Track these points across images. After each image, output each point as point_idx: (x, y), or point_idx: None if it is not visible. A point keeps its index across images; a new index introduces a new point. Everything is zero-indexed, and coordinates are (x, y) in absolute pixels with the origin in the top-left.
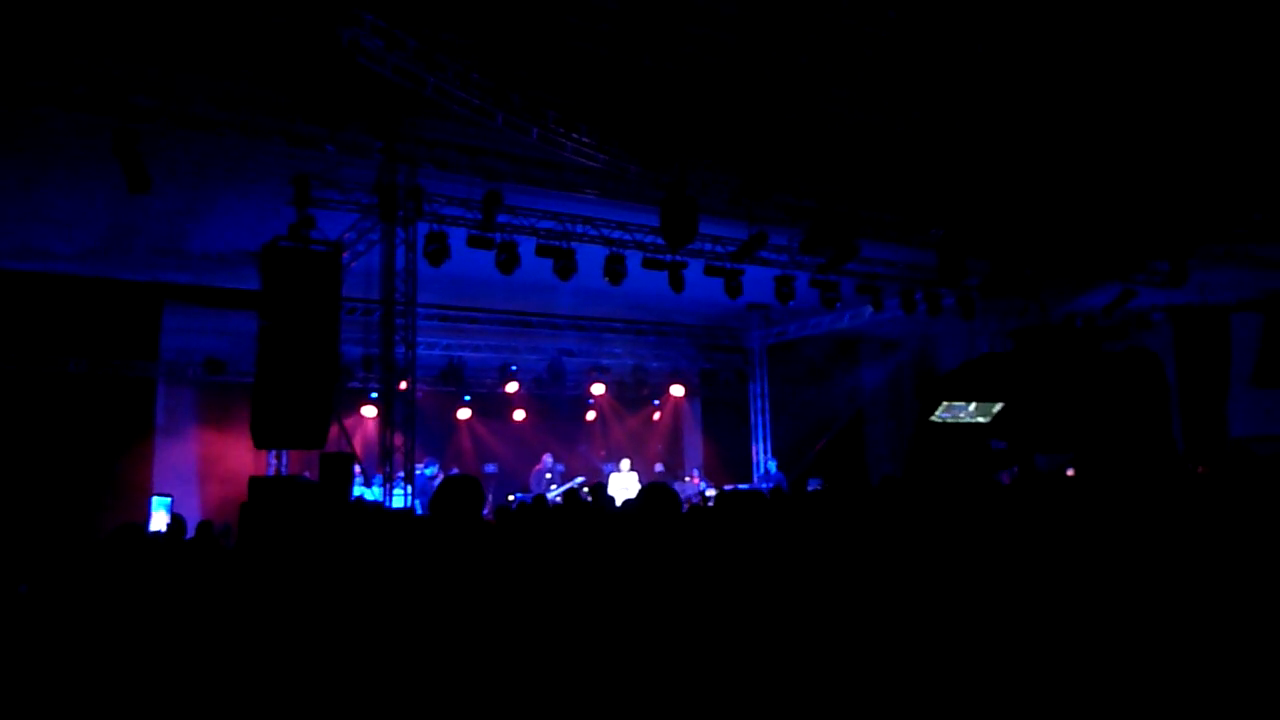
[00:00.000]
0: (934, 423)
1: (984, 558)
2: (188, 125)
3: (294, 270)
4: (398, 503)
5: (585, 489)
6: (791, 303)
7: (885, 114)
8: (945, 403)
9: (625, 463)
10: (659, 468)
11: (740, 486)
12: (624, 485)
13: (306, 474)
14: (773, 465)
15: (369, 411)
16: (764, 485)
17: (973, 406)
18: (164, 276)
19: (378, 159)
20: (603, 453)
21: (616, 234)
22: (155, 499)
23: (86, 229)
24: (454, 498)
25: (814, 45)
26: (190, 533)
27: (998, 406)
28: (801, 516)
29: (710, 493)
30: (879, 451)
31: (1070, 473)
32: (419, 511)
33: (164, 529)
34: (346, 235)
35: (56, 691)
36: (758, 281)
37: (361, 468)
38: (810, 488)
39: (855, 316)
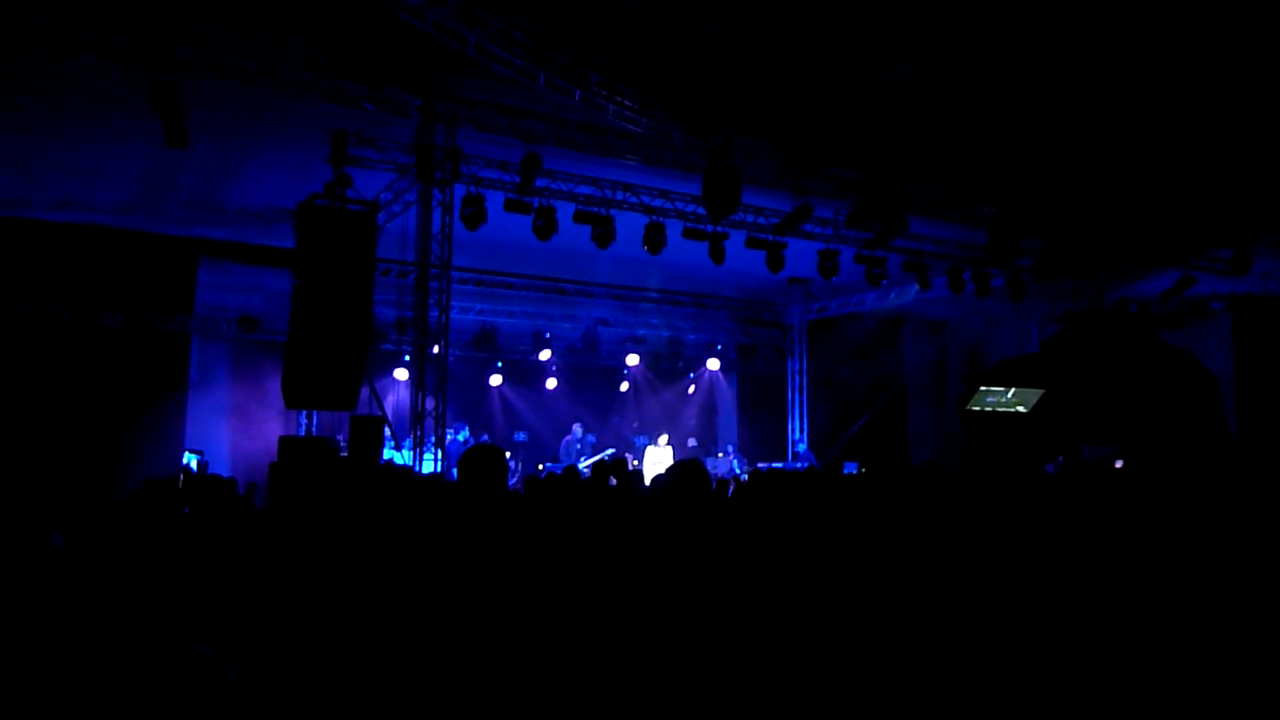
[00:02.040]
0: (974, 411)
1: (1027, 551)
2: (226, 76)
3: (329, 229)
4: (427, 468)
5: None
6: (835, 278)
7: (938, 84)
8: (983, 388)
9: (663, 438)
10: (692, 443)
11: (775, 465)
12: (659, 460)
13: (339, 437)
14: (802, 445)
15: (401, 374)
16: (795, 466)
17: (1011, 393)
18: (199, 232)
19: (416, 118)
20: (635, 425)
21: (657, 202)
22: (187, 453)
23: (124, 182)
24: (478, 469)
25: (865, 10)
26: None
27: (1037, 394)
28: (839, 500)
29: (744, 472)
30: (919, 435)
31: (1119, 465)
32: (450, 477)
33: (195, 482)
34: (383, 195)
35: (80, 645)
36: (800, 255)
37: (392, 431)
38: (846, 470)
39: (900, 295)
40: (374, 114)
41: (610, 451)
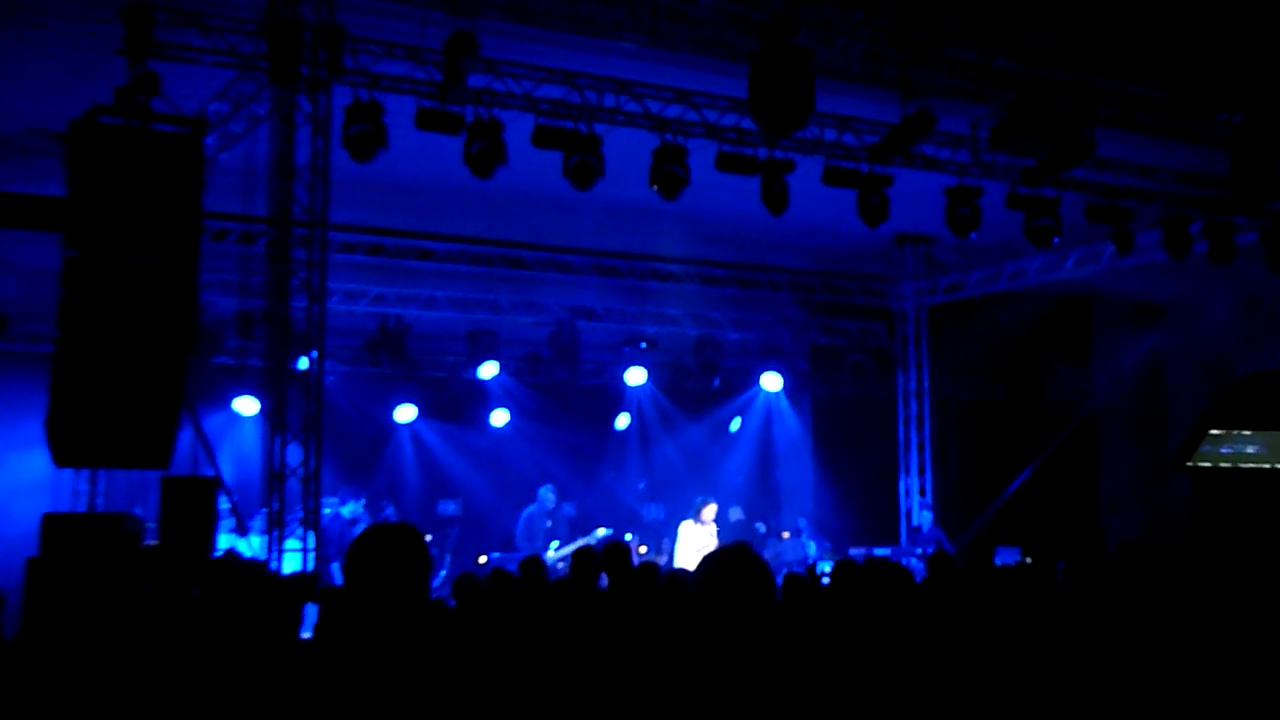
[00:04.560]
0: (1202, 467)
1: None
2: None
3: (123, 164)
4: (292, 565)
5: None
6: (975, 235)
7: None
8: (1213, 432)
9: (709, 509)
10: (737, 515)
11: (877, 552)
12: (697, 546)
13: (141, 512)
14: (928, 518)
15: (246, 406)
16: (912, 553)
17: (1261, 442)
18: None
19: None
20: (642, 486)
21: (672, 110)
22: None
23: None
24: (377, 567)
25: None
26: None
27: None
28: (992, 618)
29: (824, 559)
30: (1120, 494)
31: None
32: (330, 579)
33: None
34: (214, 107)
35: None
36: (915, 196)
37: (232, 502)
38: (1000, 561)
39: (1086, 260)
40: None
41: (602, 533)
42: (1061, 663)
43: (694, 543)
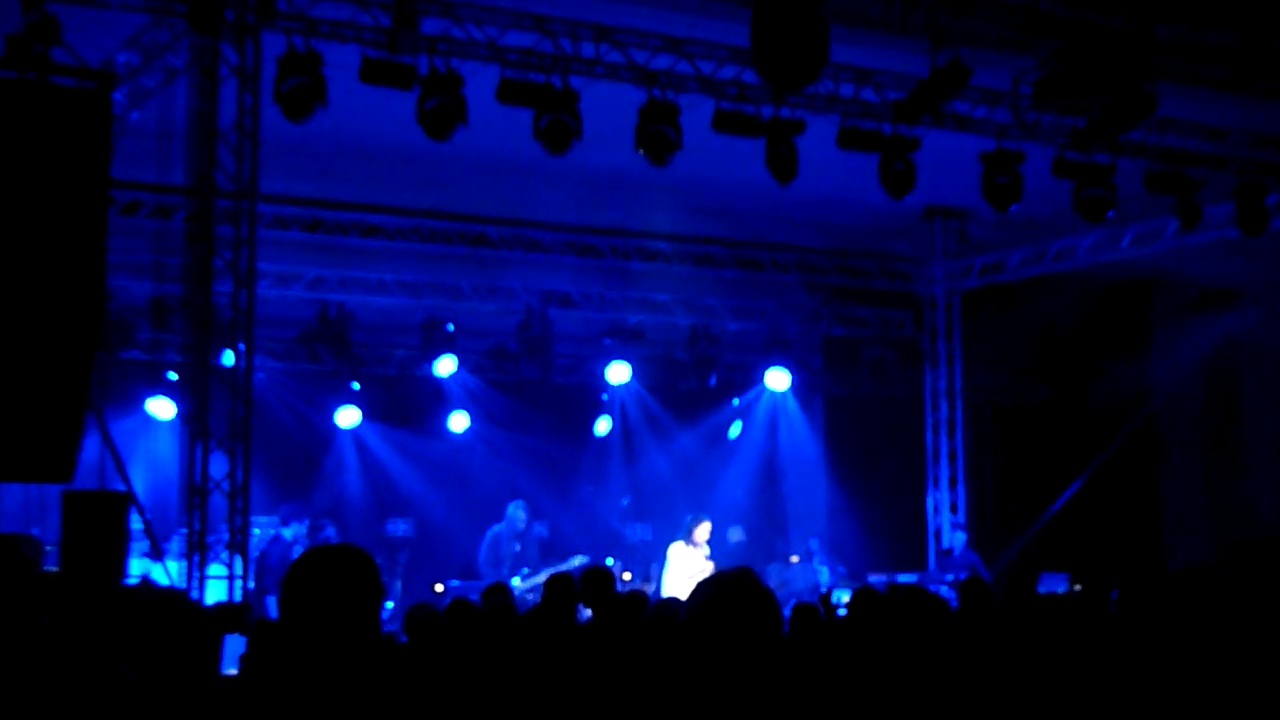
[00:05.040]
0: None
1: None
2: None
3: (16, 124)
4: (216, 594)
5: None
6: (1014, 207)
7: None
8: None
9: (702, 529)
10: (737, 536)
11: (901, 579)
12: (692, 571)
13: (38, 533)
14: (960, 539)
15: (162, 408)
16: (943, 580)
17: None
18: None
19: None
20: (626, 500)
21: (661, 60)
22: None
23: None
24: (318, 596)
25: None
26: None
27: None
28: (1026, 654)
29: (838, 587)
30: (1186, 513)
31: None
32: (265, 612)
33: None
34: (122, 57)
35: None
36: (946, 163)
37: (146, 521)
38: (1044, 588)
39: (1145, 238)
40: None
41: (578, 562)
42: (1116, 710)
43: (686, 568)
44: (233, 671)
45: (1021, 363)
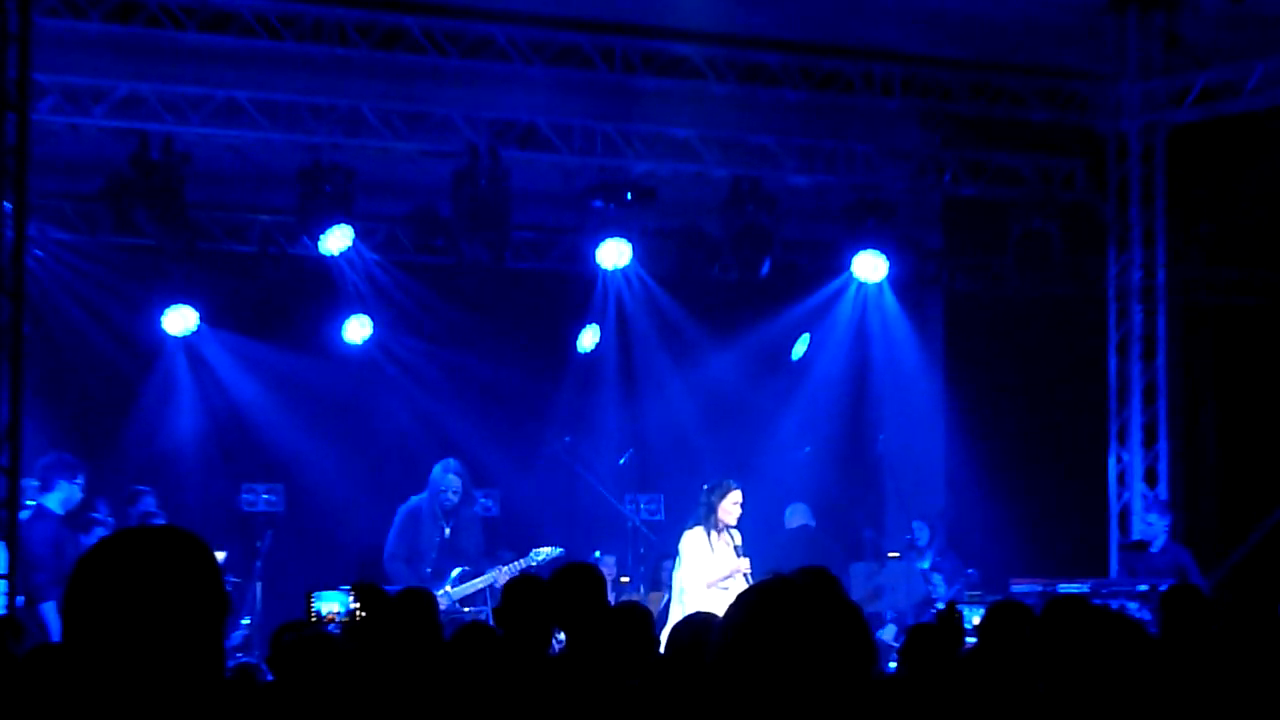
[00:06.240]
0: None
1: None
2: None
3: None
4: None
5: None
6: None
7: None
8: None
9: (729, 501)
10: (799, 517)
11: (1064, 589)
12: (715, 574)
13: None
14: (1162, 526)
15: None
16: (1134, 589)
17: None
18: None
19: None
20: (623, 459)
21: None
22: None
23: None
24: (120, 604)
25: None
26: None
27: None
28: (1262, 699)
29: (970, 610)
30: None
31: None
32: (45, 629)
33: None
34: None
35: None
36: None
37: None
38: None
39: None
40: None
41: (547, 554)
42: None
43: (707, 568)
44: None
45: (1264, 243)
